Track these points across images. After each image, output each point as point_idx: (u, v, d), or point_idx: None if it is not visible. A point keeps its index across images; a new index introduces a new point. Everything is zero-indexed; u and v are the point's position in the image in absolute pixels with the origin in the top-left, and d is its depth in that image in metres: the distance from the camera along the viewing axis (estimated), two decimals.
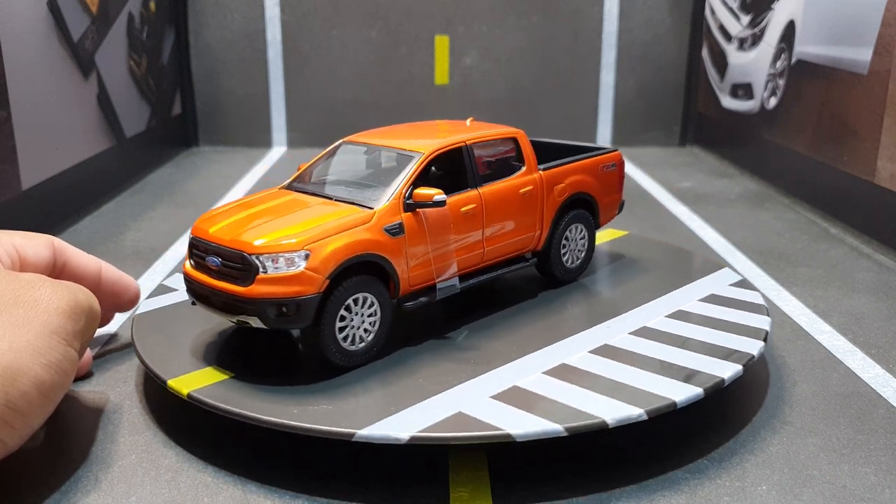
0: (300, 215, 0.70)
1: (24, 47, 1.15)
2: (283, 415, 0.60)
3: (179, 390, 0.64)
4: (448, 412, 0.61)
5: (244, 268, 0.66)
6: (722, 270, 0.91)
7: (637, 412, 0.60)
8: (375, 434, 0.58)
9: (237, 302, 0.66)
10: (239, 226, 0.69)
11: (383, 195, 0.72)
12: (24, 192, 1.14)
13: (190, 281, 0.70)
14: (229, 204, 0.75)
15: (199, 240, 0.69)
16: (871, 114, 1.17)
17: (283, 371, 0.68)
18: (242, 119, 1.96)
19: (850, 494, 0.57)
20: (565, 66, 1.95)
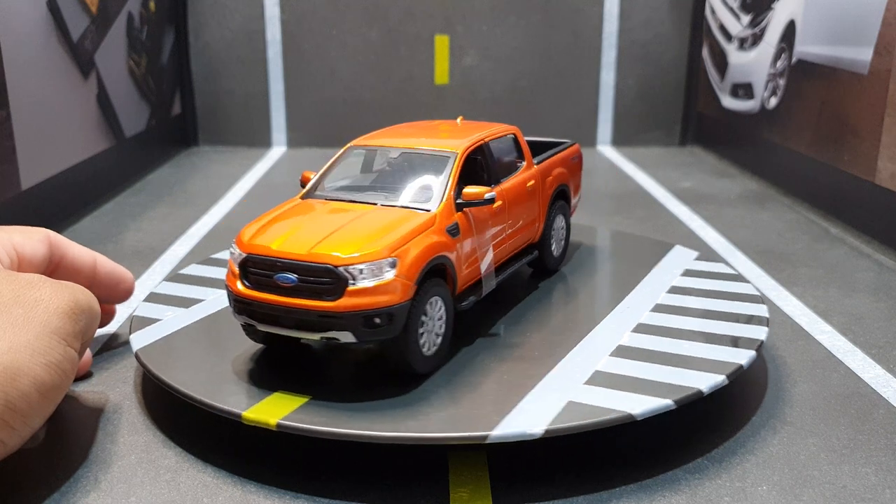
0: (365, 223, 0.67)
1: (23, 47, 1.15)
2: (402, 428, 0.58)
3: (265, 421, 0.59)
4: (559, 403, 0.61)
5: (331, 281, 0.62)
6: (676, 248, 0.99)
7: (720, 378, 0.64)
8: (508, 433, 0.57)
9: (325, 318, 0.62)
10: (306, 238, 0.65)
11: (435, 197, 0.71)
12: (23, 192, 1.14)
13: (247, 303, 0.65)
14: (263, 219, 0.70)
15: (261, 257, 0.64)
16: (871, 114, 1.16)
17: (350, 387, 0.66)
18: (242, 119, 1.96)
19: (851, 495, 0.57)
20: (565, 66, 1.95)
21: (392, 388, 0.65)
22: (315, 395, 0.63)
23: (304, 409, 0.61)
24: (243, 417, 0.60)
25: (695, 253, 0.97)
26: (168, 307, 0.80)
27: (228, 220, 1.33)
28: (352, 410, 0.61)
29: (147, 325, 0.76)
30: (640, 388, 0.63)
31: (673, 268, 0.92)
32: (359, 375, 0.69)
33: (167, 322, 0.77)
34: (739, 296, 0.83)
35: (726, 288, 0.85)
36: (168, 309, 0.80)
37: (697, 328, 0.76)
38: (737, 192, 1.51)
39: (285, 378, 0.66)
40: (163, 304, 0.82)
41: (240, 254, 0.66)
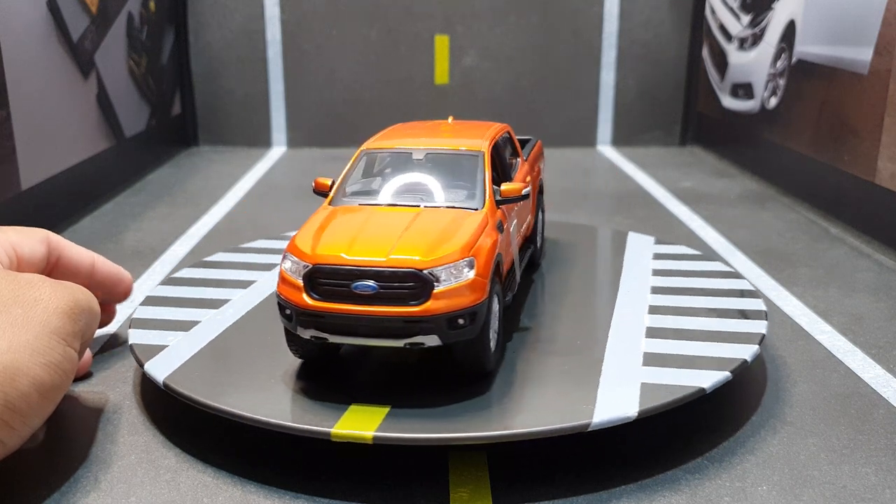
0: (427, 224, 0.66)
1: (23, 47, 1.15)
2: (500, 426, 0.58)
3: (360, 436, 0.57)
4: (634, 386, 0.63)
5: (417, 285, 0.61)
6: (631, 234, 1.05)
7: (753, 349, 0.69)
8: (607, 419, 0.58)
9: (410, 323, 0.61)
10: (377, 244, 0.63)
11: (479, 195, 0.71)
12: (23, 192, 1.14)
13: (317, 315, 0.62)
14: (309, 228, 0.67)
15: (335, 267, 0.62)
16: (871, 113, 1.16)
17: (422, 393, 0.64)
18: (242, 119, 1.96)
19: (851, 495, 0.57)
20: (565, 66, 1.95)
21: (462, 390, 0.64)
22: (393, 404, 0.62)
23: (391, 419, 0.60)
24: (333, 435, 0.58)
25: (651, 238, 1.03)
26: (170, 332, 0.75)
27: (228, 220, 1.33)
28: (438, 416, 0.60)
29: (158, 353, 0.70)
30: (692, 363, 0.67)
31: (643, 252, 0.98)
32: (419, 380, 0.67)
33: (179, 346, 0.72)
34: (719, 273, 0.90)
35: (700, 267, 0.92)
36: (170, 333, 0.74)
37: (708, 305, 0.80)
38: (737, 192, 1.51)
39: (347, 389, 0.64)
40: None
41: (304, 265, 0.63)
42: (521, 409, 0.61)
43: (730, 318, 0.77)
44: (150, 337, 0.74)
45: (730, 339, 0.71)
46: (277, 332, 0.72)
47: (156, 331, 0.75)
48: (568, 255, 0.98)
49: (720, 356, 0.68)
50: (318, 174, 1.67)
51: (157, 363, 0.68)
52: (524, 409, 0.61)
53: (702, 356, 0.68)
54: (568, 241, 1.04)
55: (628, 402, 0.61)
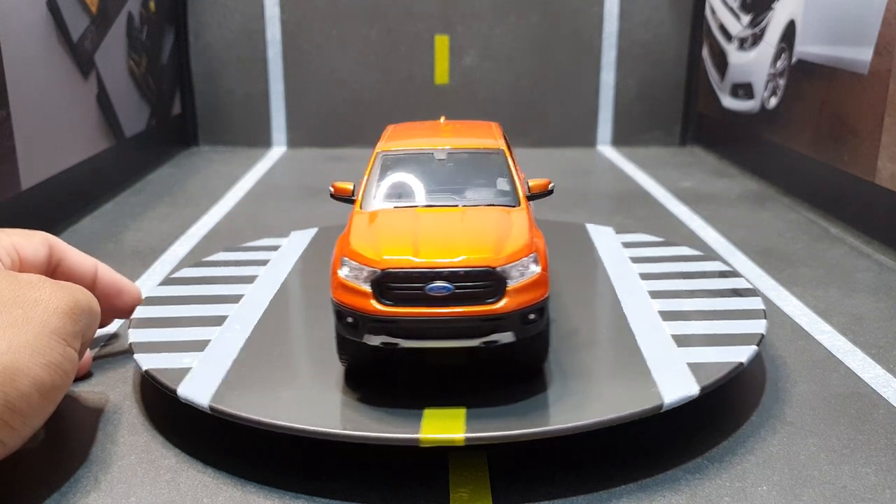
0: (480, 223, 0.66)
1: (23, 47, 1.15)
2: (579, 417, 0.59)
3: (450, 440, 0.57)
4: (681, 366, 0.66)
5: (491, 284, 0.61)
6: (589, 225, 1.08)
7: (764, 322, 0.74)
8: (676, 399, 0.61)
9: (488, 321, 0.61)
10: (443, 245, 0.62)
11: (512, 191, 0.71)
12: (23, 192, 1.14)
13: (390, 321, 0.61)
14: (359, 234, 0.65)
15: (407, 270, 0.61)
16: (871, 114, 1.16)
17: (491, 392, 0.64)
18: (242, 119, 1.96)
19: (851, 495, 0.57)
20: (565, 66, 1.95)
21: (521, 386, 0.64)
22: (466, 405, 0.61)
23: (474, 420, 0.59)
24: (422, 441, 0.57)
25: (610, 228, 1.07)
26: (185, 353, 0.71)
27: (229, 220, 1.33)
28: (517, 413, 0.60)
29: (184, 376, 0.66)
30: (719, 341, 0.70)
31: (611, 243, 1.00)
32: (472, 380, 0.67)
33: (204, 367, 0.68)
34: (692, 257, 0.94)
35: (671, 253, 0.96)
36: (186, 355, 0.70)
37: (705, 287, 0.85)
38: (737, 192, 1.51)
39: (405, 394, 0.64)
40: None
41: (371, 271, 0.61)
42: (591, 399, 0.62)
43: (726, 296, 0.82)
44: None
45: (737, 317, 0.76)
46: (297, 339, 0.73)
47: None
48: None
49: (740, 332, 0.72)
50: (319, 174, 1.67)
51: (191, 387, 0.64)
52: (593, 398, 0.62)
53: (724, 334, 0.72)
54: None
55: (685, 381, 0.63)
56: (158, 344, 0.72)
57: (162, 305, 0.81)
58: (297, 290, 0.87)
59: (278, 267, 0.93)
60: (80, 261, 0.76)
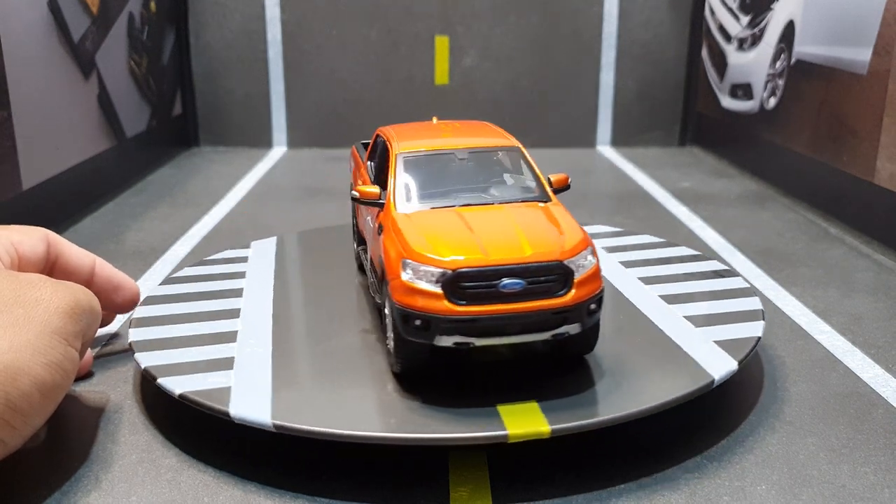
0: (531, 218, 0.67)
1: (24, 47, 1.15)
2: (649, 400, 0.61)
3: (536, 432, 0.58)
4: (711, 344, 0.70)
5: (560, 277, 0.62)
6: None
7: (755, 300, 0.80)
8: (723, 374, 0.65)
9: (559, 314, 0.62)
10: (507, 242, 0.63)
11: (539, 188, 0.73)
12: (24, 192, 1.14)
13: (465, 320, 0.61)
14: (415, 236, 0.65)
15: (480, 269, 0.61)
16: (870, 114, 1.17)
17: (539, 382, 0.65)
18: (242, 119, 1.97)
19: (850, 494, 0.58)
20: (565, 66, 1.96)
21: (572, 376, 0.66)
22: (535, 398, 0.62)
23: (550, 412, 0.60)
24: (511, 437, 0.58)
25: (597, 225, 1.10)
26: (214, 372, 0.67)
27: (229, 220, 1.33)
28: (588, 402, 0.62)
29: (229, 395, 0.63)
30: (733, 318, 0.76)
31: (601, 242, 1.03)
32: (523, 373, 0.68)
33: (242, 387, 0.65)
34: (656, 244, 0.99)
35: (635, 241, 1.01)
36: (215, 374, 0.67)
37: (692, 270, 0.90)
38: (736, 192, 1.51)
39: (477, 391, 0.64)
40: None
41: (443, 272, 0.61)
42: (647, 382, 0.65)
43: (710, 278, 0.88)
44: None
45: (734, 295, 0.82)
46: (322, 347, 0.73)
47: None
48: None
49: (743, 310, 0.78)
50: (319, 174, 1.67)
51: (244, 407, 0.61)
52: (648, 383, 0.64)
53: (730, 312, 0.78)
54: None
55: (721, 357, 0.67)
56: (180, 365, 0.68)
57: (160, 325, 0.77)
58: (292, 297, 0.86)
59: (259, 277, 0.90)
60: (78, 256, 0.76)
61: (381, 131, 0.84)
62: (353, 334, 0.76)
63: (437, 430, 0.58)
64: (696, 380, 0.64)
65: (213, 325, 0.77)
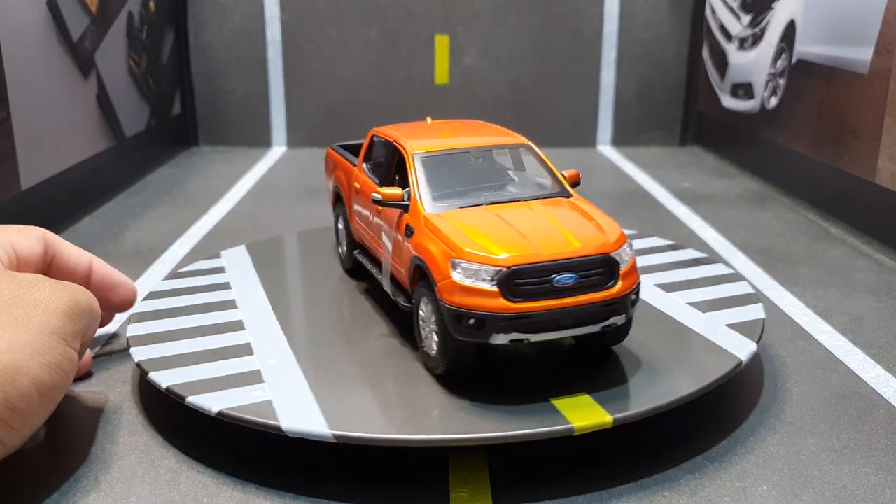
0: (564, 213, 0.69)
1: (23, 47, 1.15)
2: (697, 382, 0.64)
3: (600, 423, 0.59)
4: (722, 328, 0.74)
5: (608, 270, 0.63)
6: None
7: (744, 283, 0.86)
8: (747, 355, 0.69)
9: (608, 306, 0.63)
10: (554, 237, 0.64)
11: (556, 183, 0.75)
12: (23, 192, 1.14)
13: (521, 317, 0.61)
14: (461, 235, 0.65)
15: (535, 265, 0.62)
16: (871, 113, 1.16)
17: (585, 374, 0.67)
18: (242, 119, 1.96)
19: (851, 495, 0.57)
20: (565, 66, 1.95)
21: (605, 368, 0.68)
22: (588, 391, 0.63)
23: (607, 402, 0.61)
24: (576, 429, 0.58)
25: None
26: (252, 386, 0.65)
27: (229, 220, 1.33)
28: (640, 391, 0.64)
29: (270, 409, 0.61)
30: (732, 303, 0.80)
31: None
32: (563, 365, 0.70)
33: (284, 400, 0.63)
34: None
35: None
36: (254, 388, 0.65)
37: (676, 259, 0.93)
38: (737, 192, 1.51)
39: (524, 387, 0.65)
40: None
41: (497, 270, 0.61)
42: (681, 369, 0.67)
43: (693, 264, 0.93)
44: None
45: (727, 280, 0.87)
46: (349, 353, 0.72)
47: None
48: None
49: (740, 294, 0.83)
50: (319, 174, 1.67)
51: (293, 418, 0.60)
52: (684, 369, 0.67)
53: (729, 297, 0.82)
54: None
55: (739, 339, 0.71)
56: (204, 382, 0.66)
57: (163, 343, 0.74)
58: (291, 304, 0.84)
59: (245, 286, 0.88)
60: (75, 255, 0.76)
61: (379, 132, 0.84)
62: (373, 339, 0.75)
63: (501, 429, 0.58)
64: (725, 362, 0.67)
65: (222, 338, 0.75)
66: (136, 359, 0.70)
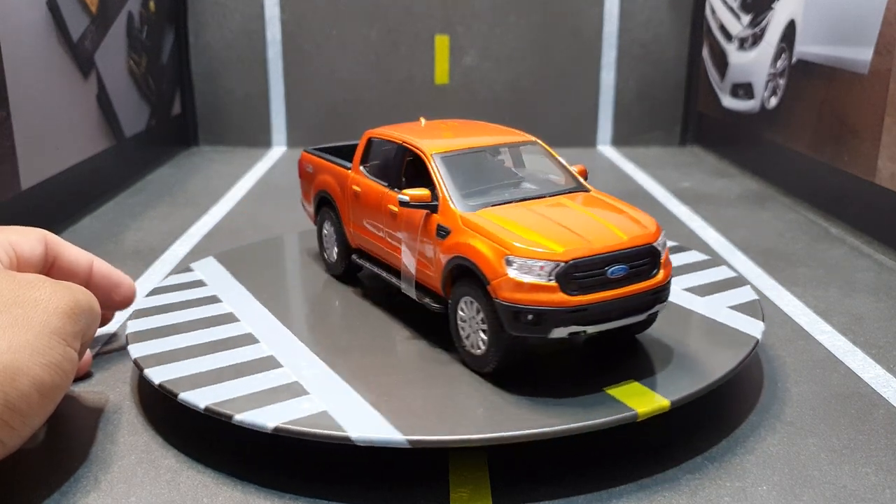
0: (596, 206, 0.71)
1: (23, 47, 1.15)
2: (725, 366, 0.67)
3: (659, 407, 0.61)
4: (727, 310, 0.78)
5: (652, 259, 0.66)
6: None
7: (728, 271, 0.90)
8: (760, 334, 0.73)
9: (654, 294, 0.66)
10: (599, 230, 0.66)
11: (571, 178, 0.77)
12: (23, 192, 1.14)
13: (579, 310, 0.62)
14: (511, 232, 0.65)
15: (591, 258, 0.63)
16: (871, 113, 1.16)
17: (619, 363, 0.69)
18: (242, 119, 1.96)
19: (851, 495, 0.57)
20: (565, 66, 1.95)
21: (641, 356, 0.70)
22: (635, 378, 0.66)
23: (654, 387, 0.64)
24: (640, 415, 0.60)
25: None
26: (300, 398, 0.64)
27: (229, 219, 1.33)
28: (684, 375, 0.66)
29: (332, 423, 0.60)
30: (724, 287, 0.84)
31: None
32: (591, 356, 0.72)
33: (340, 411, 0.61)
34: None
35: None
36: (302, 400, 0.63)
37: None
38: (737, 192, 1.51)
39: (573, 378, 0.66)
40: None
41: (555, 264, 0.62)
42: (712, 351, 0.70)
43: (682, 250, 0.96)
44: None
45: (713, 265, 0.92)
46: (382, 358, 0.71)
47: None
48: None
49: (731, 277, 0.88)
50: None
51: (359, 427, 0.59)
52: (713, 351, 0.70)
53: (723, 280, 0.87)
54: None
55: (746, 319, 0.76)
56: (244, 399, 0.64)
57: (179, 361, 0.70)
58: (292, 312, 0.82)
59: (235, 297, 0.85)
60: (76, 256, 0.76)
61: (379, 134, 0.83)
62: (399, 343, 0.74)
63: (566, 421, 0.59)
64: (746, 344, 0.70)
65: (239, 353, 0.71)
66: (157, 380, 0.66)
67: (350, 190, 0.85)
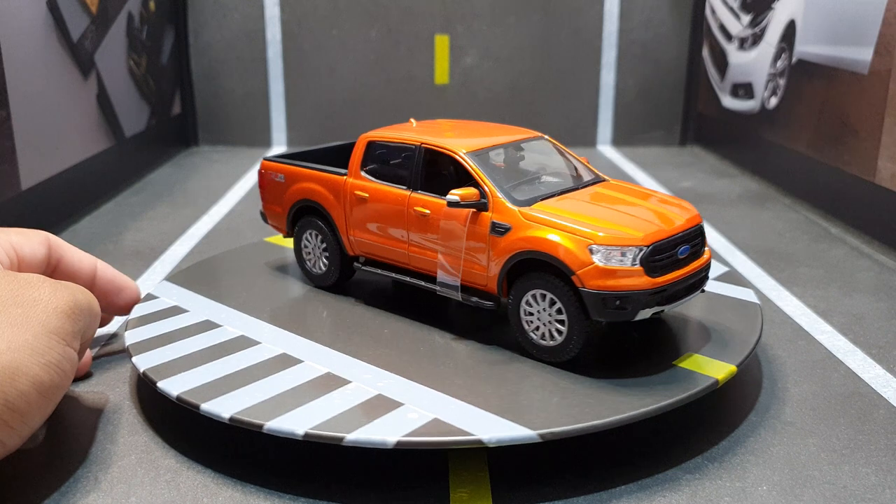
0: (632, 194, 0.75)
1: (23, 47, 1.15)
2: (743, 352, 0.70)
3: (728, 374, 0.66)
4: (728, 300, 0.81)
5: (702, 238, 0.71)
6: None
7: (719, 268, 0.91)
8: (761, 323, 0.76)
9: (705, 271, 0.72)
10: (661, 215, 0.70)
11: (587, 169, 0.80)
12: (23, 192, 1.14)
13: (661, 290, 0.66)
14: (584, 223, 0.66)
15: (666, 240, 0.67)
16: (871, 113, 1.16)
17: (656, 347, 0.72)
18: (242, 119, 1.96)
19: (851, 495, 0.57)
20: (565, 66, 1.95)
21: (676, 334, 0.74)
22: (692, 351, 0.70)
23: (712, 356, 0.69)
24: (720, 381, 0.64)
25: None
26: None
27: (228, 219, 1.33)
28: (721, 345, 0.71)
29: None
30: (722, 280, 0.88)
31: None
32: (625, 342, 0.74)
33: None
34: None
35: None
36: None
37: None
38: (737, 192, 1.51)
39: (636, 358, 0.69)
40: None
41: (639, 249, 0.65)
42: (731, 336, 0.73)
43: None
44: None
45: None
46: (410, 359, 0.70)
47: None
48: None
49: (724, 271, 0.90)
50: None
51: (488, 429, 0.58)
52: (729, 338, 0.73)
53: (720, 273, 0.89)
54: None
55: (747, 312, 0.78)
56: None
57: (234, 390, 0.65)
58: (310, 327, 0.78)
59: (235, 320, 0.79)
60: (80, 259, 0.75)
61: (385, 137, 0.81)
62: (450, 343, 0.73)
63: (658, 400, 0.61)
64: (752, 332, 0.73)
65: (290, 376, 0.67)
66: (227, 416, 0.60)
67: (351, 196, 0.81)
